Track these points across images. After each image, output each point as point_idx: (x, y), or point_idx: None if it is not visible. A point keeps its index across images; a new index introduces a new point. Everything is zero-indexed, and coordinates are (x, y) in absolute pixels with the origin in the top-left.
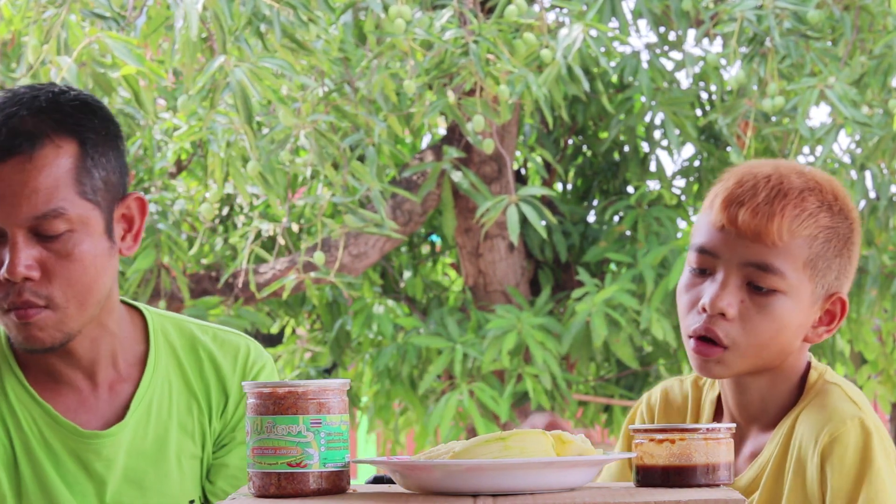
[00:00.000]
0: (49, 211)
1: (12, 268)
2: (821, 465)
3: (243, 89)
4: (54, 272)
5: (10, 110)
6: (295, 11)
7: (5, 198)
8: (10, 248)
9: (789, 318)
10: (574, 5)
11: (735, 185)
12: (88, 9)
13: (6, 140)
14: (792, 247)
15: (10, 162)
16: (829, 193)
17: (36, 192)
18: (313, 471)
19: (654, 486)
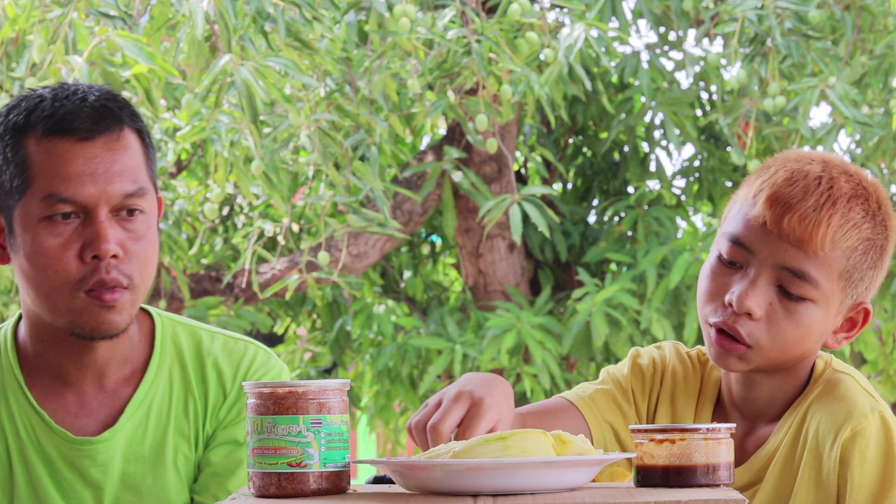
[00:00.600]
0: (137, 190)
1: (103, 244)
2: (840, 459)
3: (248, 88)
4: (132, 252)
5: (80, 95)
6: (299, 10)
7: (96, 175)
8: (97, 225)
9: (815, 326)
10: (575, 5)
11: (785, 182)
12: (94, 8)
13: (93, 120)
14: (831, 257)
15: (100, 140)
16: (875, 202)
17: (125, 170)
18: (313, 471)
19: (654, 486)
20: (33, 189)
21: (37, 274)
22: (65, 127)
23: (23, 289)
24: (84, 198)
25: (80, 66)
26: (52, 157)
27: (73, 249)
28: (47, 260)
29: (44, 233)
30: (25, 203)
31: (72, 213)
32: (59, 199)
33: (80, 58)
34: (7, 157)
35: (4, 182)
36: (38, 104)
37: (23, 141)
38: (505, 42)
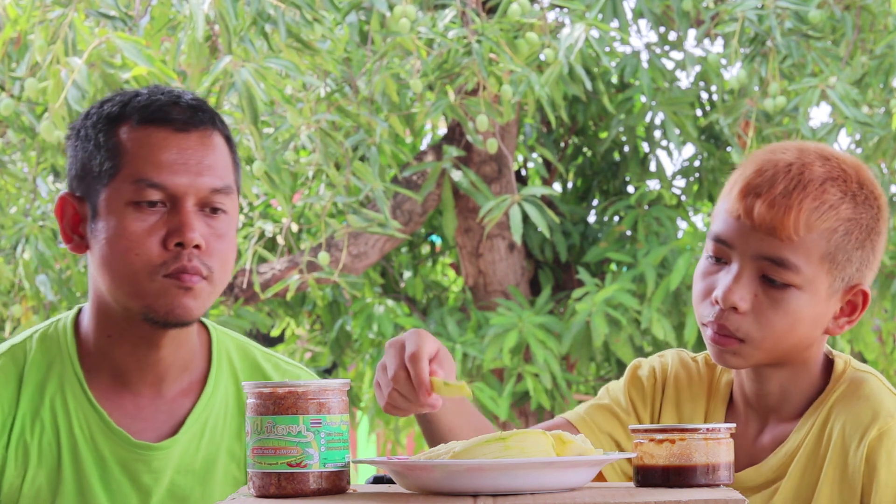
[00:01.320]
0: (224, 187)
1: (188, 232)
2: (867, 459)
3: (249, 89)
4: (213, 248)
5: (175, 93)
6: (300, 11)
7: (189, 166)
8: (184, 214)
9: (804, 312)
10: (576, 5)
11: (754, 173)
12: (94, 8)
13: (188, 114)
14: (808, 241)
15: (194, 134)
16: (854, 182)
17: (216, 165)
18: (313, 471)
19: (654, 486)
20: (123, 173)
21: (117, 258)
22: (162, 117)
23: (98, 276)
24: (174, 186)
25: (80, 68)
26: (147, 144)
27: (157, 236)
28: (130, 243)
29: (129, 217)
30: (114, 187)
31: (159, 201)
32: (150, 183)
33: (79, 59)
34: (99, 142)
35: (94, 167)
36: (134, 97)
37: (116, 129)
38: (505, 42)
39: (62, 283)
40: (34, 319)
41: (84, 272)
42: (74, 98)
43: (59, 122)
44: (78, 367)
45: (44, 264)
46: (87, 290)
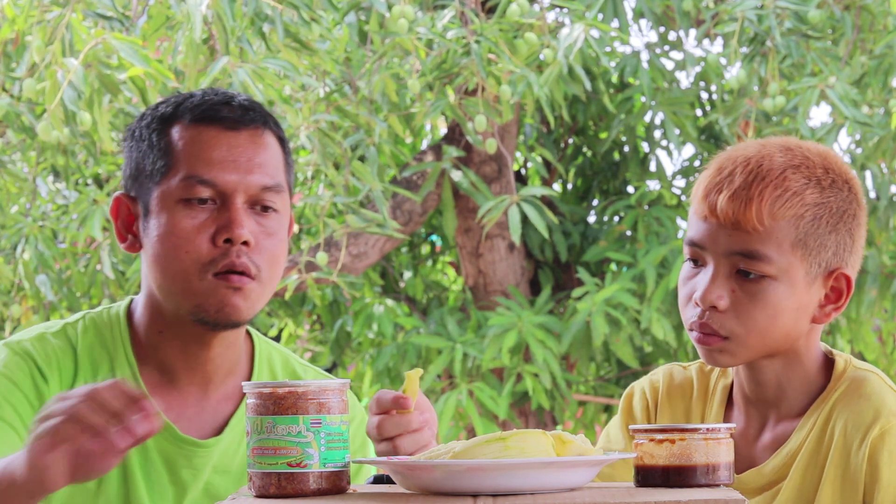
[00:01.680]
0: (274, 185)
1: (236, 228)
2: (869, 458)
3: (246, 90)
4: (263, 245)
5: (228, 95)
6: (297, 11)
7: (238, 163)
8: (233, 211)
9: (784, 302)
10: (575, 5)
11: (714, 172)
12: (92, 9)
13: (239, 113)
14: (776, 230)
15: (245, 132)
16: (819, 167)
17: (266, 163)
18: (313, 471)
19: (654, 486)
20: (174, 171)
21: (167, 255)
22: (212, 115)
23: (149, 274)
24: (223, 183)
25: (76, 69)
26: (197, 142)
27: (206, 233)
28: (179, 240)
29: (179, 214)
30: (165, 185)
31: (209, 199)
32: (200, 180)
33: (75, 60)
34: (152, 142)
35: (147, 167)
36: (188, 98)
37: (169, 128)
38: (504, 42)
39: (62, 283)
40: (34, 319)
41: (84, 272)
42: (70, 98)
43: (57, 123)
44: (131, 356)
45: (44, 264)
46: (139, 287)
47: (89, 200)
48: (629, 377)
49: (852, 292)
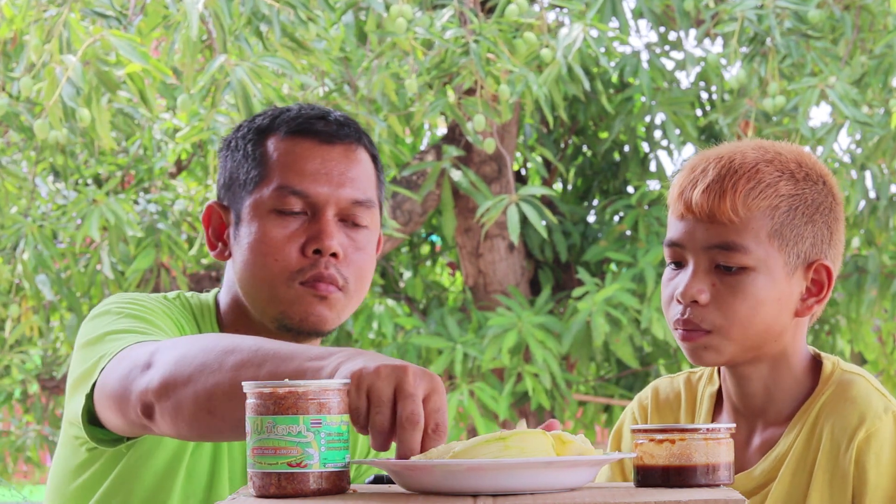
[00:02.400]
0: (365, 200)
1: (326, 239)
2: (856, 461)
3: (244, 88)
4: (351, 258)
5: (324, 110)
6: (294, 11)
7: (331, 176)
8: (323, 222)
9: (764, 293)
10: (575, 5)
11: (688, 171)
12: (90, 7)
13: (335, 127)
14: (750, 220)
15: (339, 147)
16: (792, 162)
17: (358, 178)
18: (313, 471)
19: (654, 486)
20: (268, 180)
21: (256, 262)
22: (308, 129)
23: (238, 282)
24: (315, 195)
25: (74, 66)
26: (292, 153)
27: (296, 243)
28: (269, 248)
29: (271, 223)
30: (258, 194)
31: (300, 210)
32: (292, 191)
33: (73, 57)
34: (247, 152)
35: (241, 176)
36: (284, 111)
37: (265, 140)
38: (503, 42)
39: (62, 283)
40: (34, 319)
41: (83, 272)
42: (69, 95)
43: (55, 121)
44: None
45: (43, 264)
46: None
47: (89, 200)
48: (629, 377)
49: (833, 284)
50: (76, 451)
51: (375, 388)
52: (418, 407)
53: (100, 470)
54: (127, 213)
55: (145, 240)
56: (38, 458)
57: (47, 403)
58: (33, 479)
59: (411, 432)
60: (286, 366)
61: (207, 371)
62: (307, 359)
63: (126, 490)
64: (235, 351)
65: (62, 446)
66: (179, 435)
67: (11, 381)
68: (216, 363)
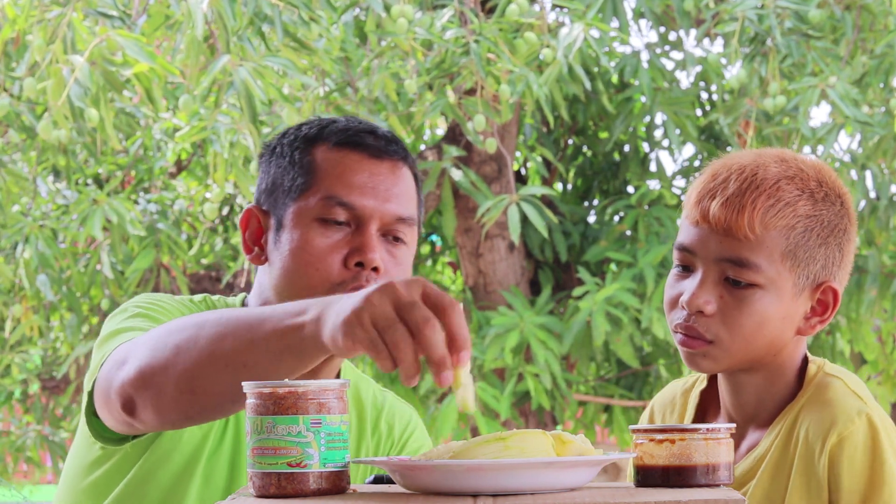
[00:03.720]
0: (409, 217)
1: (369, 252)
2: (829, 465)
3: (247, 88)
4: (391, 275)
5: (371, 125)
6: (297, 11)
7: (378, 191)
8: (367, 236)
9: (770, 311)
10: (575, 5)
11: (709, 178)
12: (93, 7)
13: (385, 143)
14: (767, 239)
15: (387, 162)
16: (813, 180)
17: (403, 195)
18: (313, 471)
19: (654, 486)
20: (315, 189)
21: (297, 270)
22: (358, 141)
23: (273, 287)
24: (361, 207)
25: (81, 66)
26: (340, 164)
27: (339, 254)
28: (312, 257)
29: (315, 232)
30: (303, 201)
31: (345, 221)
32: (339, 201)
33: (80, 57)
34: (294, 160)
35: (285, 182)
36: (332, 122)
37: (312, 149)
38: (503, 42)
39: (62, 282)
40: (34, 319)
41: (84, 272)
42: (77, 95)
43: (61, 121)
44: None
45: (44, 264)
46: (256, 293)
47: (89, 200)
48: (629, 377)
49: (838, 307)
50: (90, 447)
51: (375, 314)
52: (423, 309)
53: (114, 468)
54: (129, 213)
55: (146, 239)
56: (38, 458)
57: (47, 403)
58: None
59: (431, 333)
60: (263, 327)
61: (182, 352)
62: (284, 316)
63: (140, 493)
64: (206, 325)
65: (78, 441)
66: (164, 423)
67: (12, 381)
68: (190, 342)
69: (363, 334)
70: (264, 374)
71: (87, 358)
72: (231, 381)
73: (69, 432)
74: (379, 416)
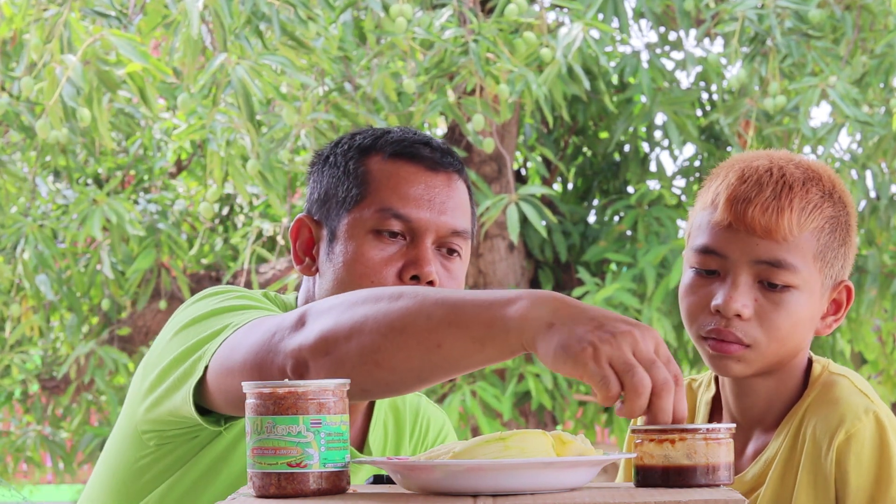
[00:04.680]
0: (464, 230)
1: (425, 265)
2: (837, 463)
3: (245, 87)
4: (445, 287)
5: (426, 136)
6: (294, 10)
7: (433, 203)
8: (422, 248)
9: (803, 312)
10: (575, 5)
11: (738, 181)
12: (90, 6)
13: (440, 155)
14: (801, 241)
15: (443, 174)
16: (828, 182)
17: (458, 207)
18: (313, 471)
19: (654, 486)
20: (369, 200)
21: (352, 282)
22: (413, 153)
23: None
24: (417, 220)
25: (74, 65)
26: (396, 176)
27: (394, 266)
28: (367, 269)
29: (369, 244)
30: (358, 213)
31: (399, 233)
32: (394, 213)
33: (73, 56)
34: (348, 170)
35: (339, 193)
36: (386, 133)
37: (367, 159)
38: (503, 42)
39: (62, 282)
40: (34, 319)
41: (84, 272)
42: (69, 95)
43: (55, 121)
44: None
45: (44, 264)
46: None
47: (89, 200)
48: None
49: (852, 303)
50: (142, 445)
51: (614, 357)
52: (663, 370)
53: (168, 467)
54: (128, 213)
55: (146, 240)
56: (39, 458)
57: (47, 403)
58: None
59: (667, 398)
60: (466, 311)
61: (371, 321)
62: (493, 303)
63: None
64: (402, 297)
65: (120, 443)
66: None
67: (11, 381)
68: (381, 313)
69: (597, 370)
70: (460, 358)
71: (87, 358)
72: (421, 359)
73: (69, 432)
74: (416, 419)
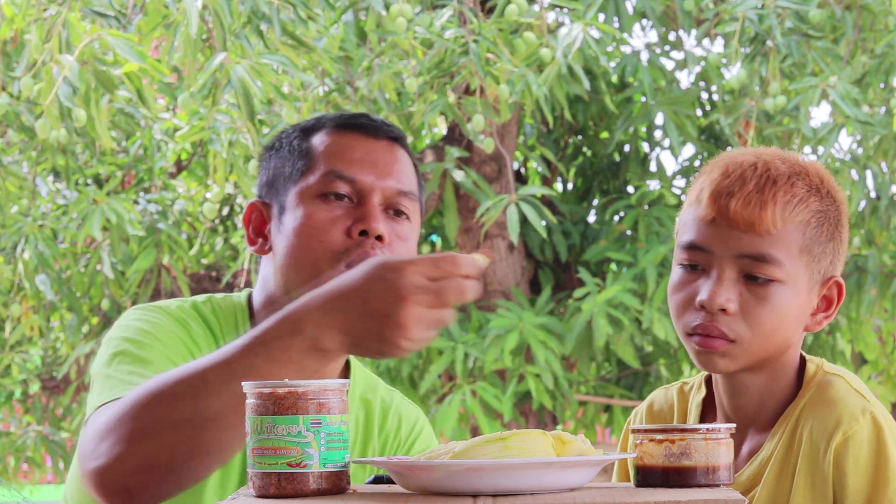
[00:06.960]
0: (409, 191)
1: (372, 221)
2: (835, 464)
3: (245, 86)
4: (395, 248)
5: (363, 112)
6: (294, 9)
7: (376, 165)
8: (369, 206)
9: (789, 307)
10: (575, 5)
11: (721, 176)
12: (89, 6)
13: (379, 125)
14: (785, 234)
15: (383, 141)
16: (816, 177)
17: (402, 171)
18: (313, 471)
19: (654, 486)
20: (314, 168)
21: (300, 244)
22: (353, 123)
23: (280, 269)
24: (362, 181)
25: (71, 65)
26: (338, 144)
27: (341, 225)
28: (315, 231)
29: (316, 207)
30: (304, 181)
31: (346, 195)
32: (339, 175)
33: (70, 56)
34: (293, 147)
35: (286, 170)
36: (327, 115)
37: (310, 136)
38: (503, 42)
39: (62, 282)
40: (34, 319)
41: (84, 272)
42: (66, 95)
43: (53, 121)
44: None
45: (43, 264)
46: (256, 288)
47: (89, 200)
48: (629, 377)
49: (843, 300)
50: None
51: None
52: (448, 282)
53: None
54: (128, 213)
55: (146, 240)
56: (39, 458)
57: (47, 403)
58: (33, 479)
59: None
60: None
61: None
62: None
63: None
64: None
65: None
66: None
67: (12, 381)
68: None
69: (409, 344)
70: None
71: (87, 358)
72: (234, 432)
73: (69, 432)
74: (386, 415)
